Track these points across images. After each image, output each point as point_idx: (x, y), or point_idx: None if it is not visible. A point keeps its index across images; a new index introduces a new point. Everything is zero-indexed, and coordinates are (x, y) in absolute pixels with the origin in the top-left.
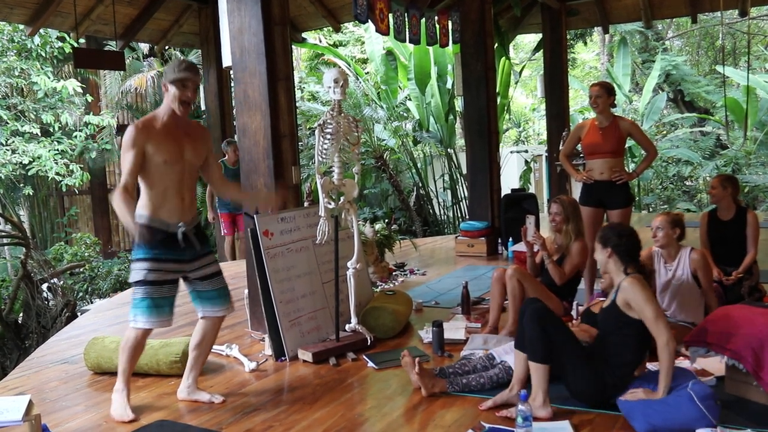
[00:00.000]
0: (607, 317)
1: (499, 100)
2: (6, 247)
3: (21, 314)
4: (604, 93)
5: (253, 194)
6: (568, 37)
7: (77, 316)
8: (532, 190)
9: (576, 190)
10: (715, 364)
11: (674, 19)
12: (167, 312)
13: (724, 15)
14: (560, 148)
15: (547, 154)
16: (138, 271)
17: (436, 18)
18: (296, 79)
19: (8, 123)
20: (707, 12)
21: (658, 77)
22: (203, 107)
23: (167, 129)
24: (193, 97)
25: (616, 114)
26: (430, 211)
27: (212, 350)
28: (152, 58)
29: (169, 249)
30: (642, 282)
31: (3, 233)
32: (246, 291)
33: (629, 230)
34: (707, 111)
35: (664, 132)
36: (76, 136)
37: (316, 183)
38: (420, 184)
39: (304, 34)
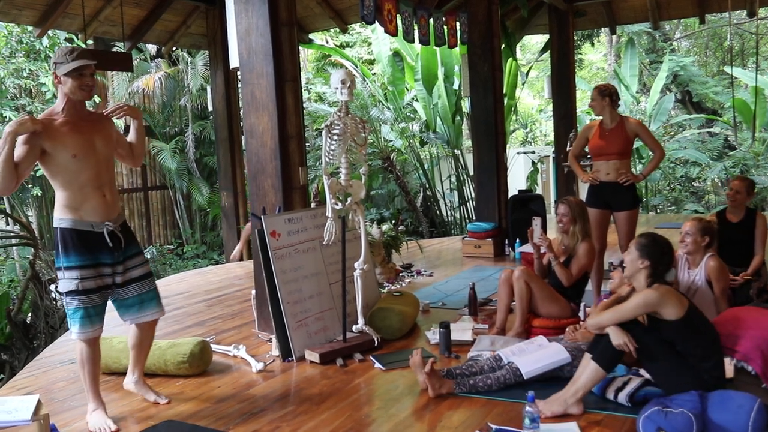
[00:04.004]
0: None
1: (506, 101)
2: (14, 248)
3: (29, 314)
4: (597, 95)
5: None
6: (575, 38)
7: None
8: (539, 191)
9: (583, 192)
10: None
11: (682, 20)
12: (99, 321)
13: (732, 16)
14: (567, 149)
15: (554, 155)
16: (69, 280)
17: (443, 19)
18: (303, 80)
19: None
20: (715, 13)
21: (666, 78)
22: (210, 108)
23: (72, 123)
24: (92, 83)
25: (622, 115)
26: (437, 212)
27: (219, 351)
28: (160, 59)
29: (100, 252)
30: (654, 294)
31: (11, 234)
32: (253, 292)
33: (670, 247)
34: (715, 112)
35: (672, 133)
36: None
37: (323, 184)
38: (427, 185)
39: (311, 35)
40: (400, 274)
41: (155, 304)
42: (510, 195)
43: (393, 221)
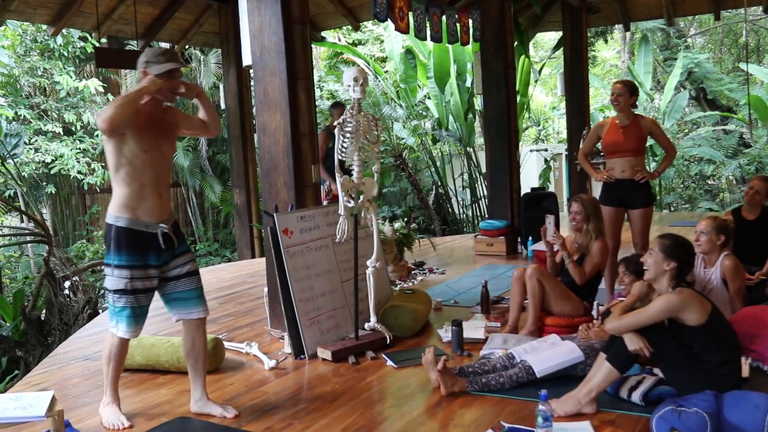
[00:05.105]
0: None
1: (518, 98)
2: (29, 245)
3: (44, 311)
4: (626, 92)
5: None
6: (588, 34)
7: (99, 314)
8: (551, 189)
9: (596, 189)
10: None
11: (697, 17)
12: (143, 321)
13: (747, 12)
14: (580, 146)
15: (567, 153)
16: (119, 279)
17: (456, 16)
18: (315, 78)
19: (31, 122)
20: (730, 9)
21: (680, 75)
22: (223, 106)
23: (149, 118)
24: (179, 85)
25: (636, 113)
26: (449, 209)
27: (232, 348)
28: None
29: (149, 253)
30: (677, 298)
31: (26, 231)
32: (266, 289)
33: (693, 247)
34: (730, 109)
35: (686, 130)
36: (97, 135)
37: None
38: (439, 183)
39: (323, 33)
40: (412, 272)
41: (201, 302)
42: (522, 193)
43: (405, 219)
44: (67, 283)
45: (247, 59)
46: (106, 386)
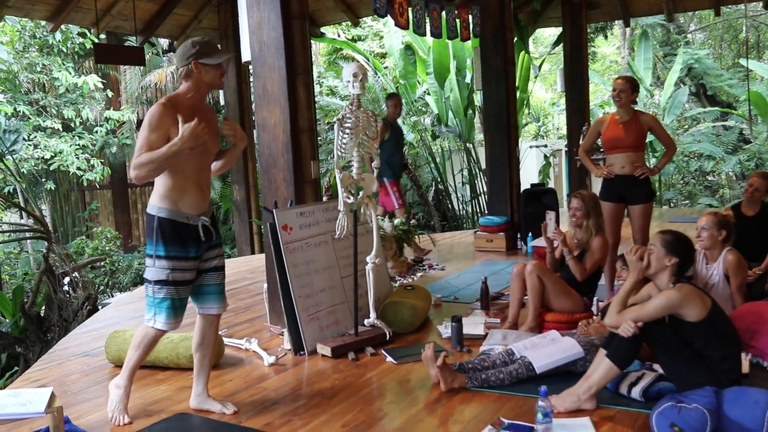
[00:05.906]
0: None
1: (518, 94)
2: (28, 241)
3: (43, 307)
4: (628, 87)
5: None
6: (588, 30)
7: (98, 310)
8: (551, 184)
9: (596, 185)
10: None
11: (697, 12)
12: (182, 313)
13: (747, 7)
14: (580, 142)
15: (566, 149)
16: (160, 270)
17: (456, 12)
18: (315, 74)
19: (30, 118)
20: (730, 4)
21: (680, 71)
22: (222, 102)
23: (194, 112)
24: (225, 72)
25: (636, 108)
26: (449, 205)
27: (231, 344)
28: (172, 53)
29: (189, 245)
30: (677, 295)
31: (26, 227)
32: (265, 285)
33: (693, 243)
34: (730, 105)
35: (686, 126)
36: (96, 132)
37: (335, 177)
38: (439, 179)
39: (322, 29)
40: (412, 268)
41: (221, 298)
42: (522, 189)
43: (405, 215)
44: (66, 280)
45: (246, 55)
46: (124, 369)
